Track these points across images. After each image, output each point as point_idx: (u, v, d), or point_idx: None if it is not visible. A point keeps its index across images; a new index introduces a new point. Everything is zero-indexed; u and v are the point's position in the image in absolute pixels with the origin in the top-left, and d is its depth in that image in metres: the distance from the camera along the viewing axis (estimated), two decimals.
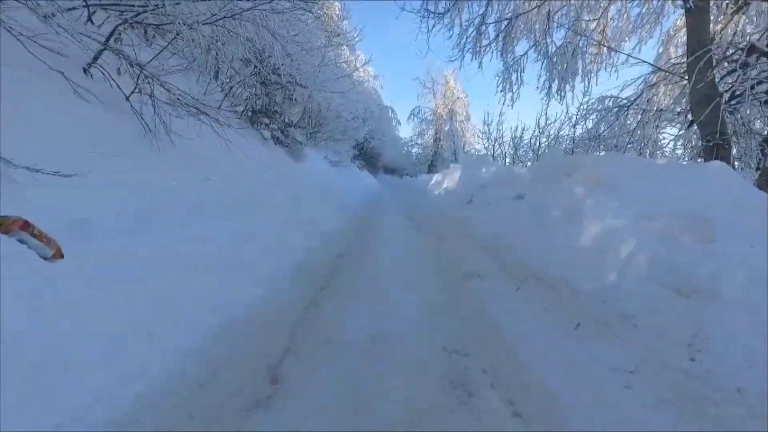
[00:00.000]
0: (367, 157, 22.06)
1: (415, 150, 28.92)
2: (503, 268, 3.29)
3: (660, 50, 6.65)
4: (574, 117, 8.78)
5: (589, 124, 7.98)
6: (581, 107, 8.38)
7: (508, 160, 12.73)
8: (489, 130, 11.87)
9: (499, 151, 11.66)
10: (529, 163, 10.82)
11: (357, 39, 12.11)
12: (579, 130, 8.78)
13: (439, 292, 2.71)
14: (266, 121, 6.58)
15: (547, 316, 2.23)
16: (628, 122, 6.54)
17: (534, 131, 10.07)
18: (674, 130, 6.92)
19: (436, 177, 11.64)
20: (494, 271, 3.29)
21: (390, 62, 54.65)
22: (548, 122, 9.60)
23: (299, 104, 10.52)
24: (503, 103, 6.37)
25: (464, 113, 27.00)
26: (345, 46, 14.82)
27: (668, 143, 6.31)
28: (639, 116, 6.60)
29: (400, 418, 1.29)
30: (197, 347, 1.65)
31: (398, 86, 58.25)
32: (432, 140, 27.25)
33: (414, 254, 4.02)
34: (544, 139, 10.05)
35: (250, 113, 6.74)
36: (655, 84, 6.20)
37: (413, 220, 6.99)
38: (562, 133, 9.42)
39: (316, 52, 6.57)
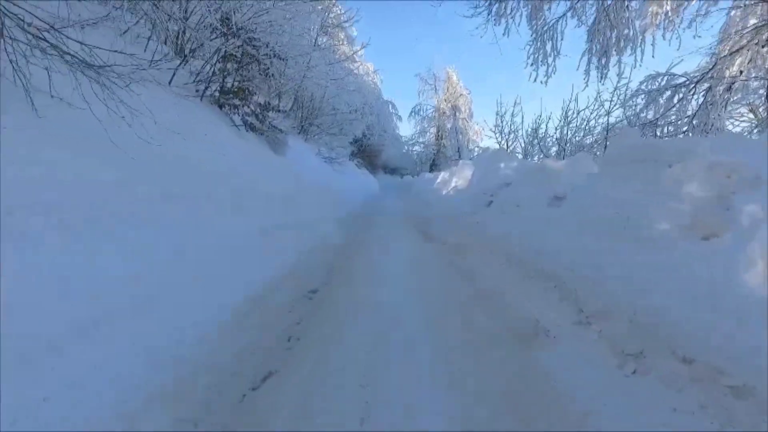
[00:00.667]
0: (365, 154, 20.72)
1: (416, 149, 27.63)
2: (581, 318, 1.96)
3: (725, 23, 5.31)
4: (608, 103, 7.48)
5: (629, 111, 6.71)
6: (616, 91, 7.11)
7: (519, 155, 11.36)
8: (502, 122, 10.47)
9: (513, 145, 10.27)
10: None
11: (354, 20, 10.78)
12: (612, 119, 7.50)
13: (483, 391, 1.38)
14: (237, 103, 5.24)
15: None
16: (690, 105, 5.23)
17: (560, 120, 8.70)
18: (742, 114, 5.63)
19: (442, 175, 10.26)
20: (567, 322, 1.96)
21: (389, 62, 53.60)
22: (578, 109, 8.24)
23: (288, 93, 9.21)
24: (535, 79, 5.05)
25: (467, 110, 25.74)
26: (341, 34, 13.52)
27: (744, 129, 4.98)
28: (701, 97, 5.31)
29: None
30: None
31: (398, 86, 57.28)
32: (434, 138, 25.93)
33: (429, 287, 2.68)
34: (567, 131, 8.69)
35: (217, 94, 5.41)
36: (727, 55, 4.88)
37: (420, 226, 5.67)
38: (591, 123, 8.11)
39: (296, 11, 5.23)
